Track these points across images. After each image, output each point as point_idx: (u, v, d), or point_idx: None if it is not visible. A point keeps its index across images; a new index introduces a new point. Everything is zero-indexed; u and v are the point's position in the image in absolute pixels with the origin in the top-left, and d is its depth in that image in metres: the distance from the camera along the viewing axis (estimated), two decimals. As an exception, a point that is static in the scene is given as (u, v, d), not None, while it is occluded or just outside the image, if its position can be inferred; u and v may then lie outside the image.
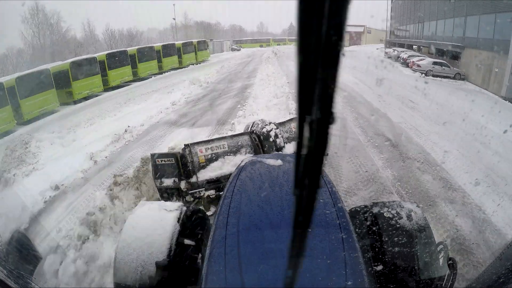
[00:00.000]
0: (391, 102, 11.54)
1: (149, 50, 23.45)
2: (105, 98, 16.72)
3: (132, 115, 11.20)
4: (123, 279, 2.26)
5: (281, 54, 35.02)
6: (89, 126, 10.98)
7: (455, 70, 20.94)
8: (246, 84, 15.98)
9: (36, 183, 6.11)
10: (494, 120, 8.96)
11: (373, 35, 64.60)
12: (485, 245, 3.89)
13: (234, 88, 15.31)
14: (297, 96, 0.61)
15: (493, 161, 6.37)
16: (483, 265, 3.42)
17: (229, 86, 15.94)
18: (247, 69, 23.03)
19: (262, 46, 57.57)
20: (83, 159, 7.25)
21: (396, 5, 44.62)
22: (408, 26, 39.41)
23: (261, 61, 28.65)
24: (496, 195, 5.05)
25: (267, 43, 60.65)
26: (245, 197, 2.17)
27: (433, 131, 8.31)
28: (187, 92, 14.38)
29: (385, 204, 2.53)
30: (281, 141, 4.78)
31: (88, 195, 5.44)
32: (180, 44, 27.58)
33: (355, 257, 1.63)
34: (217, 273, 1.58)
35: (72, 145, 8.72)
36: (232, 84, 16.70)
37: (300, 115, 0.63)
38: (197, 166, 4.29)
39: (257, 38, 65.39)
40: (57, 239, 3.91)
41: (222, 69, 24.13)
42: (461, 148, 7.05)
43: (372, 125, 8.77)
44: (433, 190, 5.26)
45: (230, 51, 47.34)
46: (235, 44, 55.45)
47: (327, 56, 0.57)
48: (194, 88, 15.87)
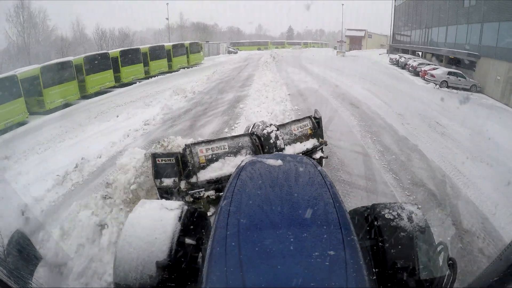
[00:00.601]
0: (417, 126, 9.46)
1: (134, 53, 21.05)
2: (79, 108, 14.51)
3: (94, 138, 9.03)
4: (123, 278, 2.22)
5: (280, 58, 32.93)
6: (42, 152, 8.78)
7: (471, 82, 19.00)
8: (239, 96, 13.71)
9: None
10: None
11: (374, 40, 63.38)
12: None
13: (224, 101, 13.06)
14: None
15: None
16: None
17: (219, 99, 13.64)
18: (241, 76, 20.73)
19: (260, 49, 55.66)
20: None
21: (400, 9, 42.80)
22: (413, 32, 37.61)
23: (258, 66, 26.48)
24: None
25: (265, 46, 58.41)
26: (245, 197, 2.18)
27: (488, 181, 6.15)
28: (168, 105, 12.06)
29: (386, 205, 2.52)
30: (282, 143, 4.83)
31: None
32: (170, 46, 25.21)
33: (355, 257, 1.64)
34: (217, 272, 1.58)
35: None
36: (223, 95, 14.36)
37: None
38: (197, 166, 4.31)
39: (255, 41, 63.18)
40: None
41: (214, 75, 21.73)
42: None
43: (406, 168, 6.61)
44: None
45: (226, 54, 45.00)
46: (232, 47, 52.70)
47: None
48: (177, 100, 13.56)
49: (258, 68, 24.63)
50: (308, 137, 5.37)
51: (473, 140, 8.57)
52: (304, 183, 2.48)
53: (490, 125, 9.76)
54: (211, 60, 34.45)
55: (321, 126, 5.54)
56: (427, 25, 32.09)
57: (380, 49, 55.61)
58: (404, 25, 40.53)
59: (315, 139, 5.39)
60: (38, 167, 7.49)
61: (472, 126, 9.81)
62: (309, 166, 2.66)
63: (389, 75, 22.43)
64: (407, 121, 9.81)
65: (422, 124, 9.77)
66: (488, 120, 10.99)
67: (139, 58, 21.21)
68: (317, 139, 5.40)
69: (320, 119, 5.52)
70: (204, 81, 18.80)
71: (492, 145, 8.05)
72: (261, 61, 30.29)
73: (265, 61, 28.36)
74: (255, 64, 28.81)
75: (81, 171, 6.58)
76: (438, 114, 11.07)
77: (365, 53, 46.87)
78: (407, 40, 39.80)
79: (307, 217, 1.89)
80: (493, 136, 8.62)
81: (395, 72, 24.98)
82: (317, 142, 5.36)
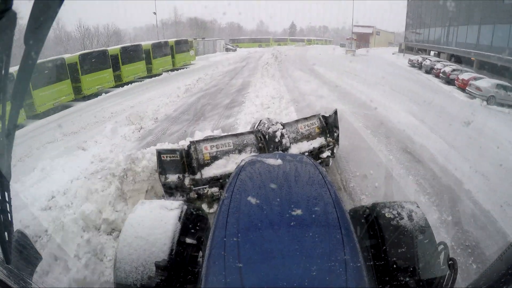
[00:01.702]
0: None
1: (100, 56, 16.59)
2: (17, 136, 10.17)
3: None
4: (124, 278, 2.24)
5: (283, 58, 28.54)
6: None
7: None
8: (222, 127, 8.84)
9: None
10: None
11: (382, 37, 59.74)
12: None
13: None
14: None
15: None
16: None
17: (188, 133, 8.38)
18: (233, 85, 16.12)
19: (261, 46, 51.62)
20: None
21: (415, 4, 38.36)
22: (431, 30, 33.34)
23: (256, 68, 22.17)
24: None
25: (266, 43, 54.29)
26: (245, 197, 2.15)
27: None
28: (104, 154, 6.70)
29: (386, 204, 2.52)
30: (287, 142, 4.88)
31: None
32: (149, 45, 20.80)
33: (355, 257, 1.64)
34: (217, 273, 1.58)
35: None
36: (199, 124, 9.42)
37: None
38: (202, 163, 4.36)
39: (256, 37, 58.94)
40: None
41: (198, 83, 17.03)
42: None
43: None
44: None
45: (224, 52, 40.84)
46: (230, 44, 48.59)
47: None
48: (124, 138, 8.30)
49: (256, 71, 20.30)
50: (315, 136, 5.36)
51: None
52: (304, 183, 2.45)
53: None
54: (205, 60, 30.14)
55: (334, 126, 5.60)
56: (452, 22, 27.91)
57: (389, 47, 51.59)
58: (420, 22, 36.28)
59: (323, 138, 5.38)
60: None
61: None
62: (309, 166, 2.66)
63: (419, 84, 18.11)
64: (492, 187, 5.70)
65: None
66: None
67: (107, 63, 16.93)
68: (325, 138, 5.39)
69: (330, 117, 5.56)
70: (181, 94, 14.02)
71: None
72: (262, 61, 25.94)
73: (265, 62, 23.90)
74: (253, 65, 24.49)
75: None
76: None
77: (375, 51, 42.37)
78: (423, 38, 35.66)
79: (306, 217, 1.89)
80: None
81: (421, 78, 20.73)
82: (324, 141, 5.34)
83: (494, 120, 11.29)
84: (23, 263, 1.55)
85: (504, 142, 8.48)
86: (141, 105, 12.24)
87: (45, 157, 7.08)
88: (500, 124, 10.73)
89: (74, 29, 38.84)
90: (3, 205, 1.27)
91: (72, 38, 39.06)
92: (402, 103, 12.13)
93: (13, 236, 1.47)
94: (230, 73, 20.78)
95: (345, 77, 17.73)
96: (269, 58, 26.81)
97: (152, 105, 11.83)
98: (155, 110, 11.16)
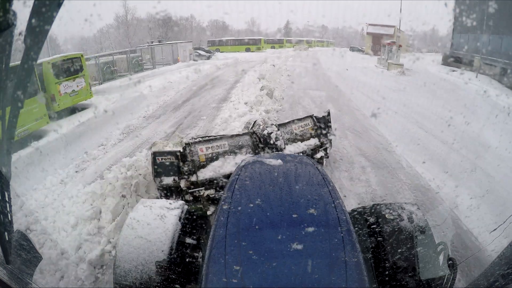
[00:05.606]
0: None
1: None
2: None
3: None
4: (124, 278, 2.23)
5: (288, 84, 13.47)
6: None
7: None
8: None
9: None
10: None
11: (402, 41, 53.82)
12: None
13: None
14: None
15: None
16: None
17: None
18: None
19: (249, 50, 38.77)
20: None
21: (464, 5, 16.17)
22: (492, 37, 17.10)
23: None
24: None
25: (257, 46, 40.55)
26: (245, 197, 2.19)
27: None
28: None
29: (386, 205, 2.56)
30: (282, 143, 4.96)
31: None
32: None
33: (355, 257, 1.64)
34: (217, 272, 1.59)
35: None
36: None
37: None
38: (197, 165, 4.34)
39: (243, 39, 43.52)
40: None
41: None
42: None
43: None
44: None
45: (191, 61, 25.39)
46: (205, 48, 33.14)
47: None
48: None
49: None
50: (309, 137, 5.48)
51: None
52: (304, 183, 2.45)
53: None
54: (128, 91, 12.51)
55: (327, 126, 5.63)
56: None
57: (408, 53, 30.82)
58: (479, 26, 16.27)
59: (317, 139, 5.49)
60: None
61: None
62: (309, 166, 2.68)
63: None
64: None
65: None
66: None
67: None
68: (319, 139, 5.50)
69: (323, 117, 5.63)
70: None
71: None
72: (238, 95, 10.99)
73: (254, 101, 9.14)
74: (212, 115, 9.24)
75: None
76: None
77: (408, 62, 20.82)
78: (476, 47, 18.95)
79: (307, 217, 1.90)
80: None
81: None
82: (318, 141, 5.47)
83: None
84: (23, 263, 1.56)
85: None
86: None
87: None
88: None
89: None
90: (3, 205, 1.28)
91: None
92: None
93: (13, 236, 1.48)
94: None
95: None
96: (256, 87, 11.01)
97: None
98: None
